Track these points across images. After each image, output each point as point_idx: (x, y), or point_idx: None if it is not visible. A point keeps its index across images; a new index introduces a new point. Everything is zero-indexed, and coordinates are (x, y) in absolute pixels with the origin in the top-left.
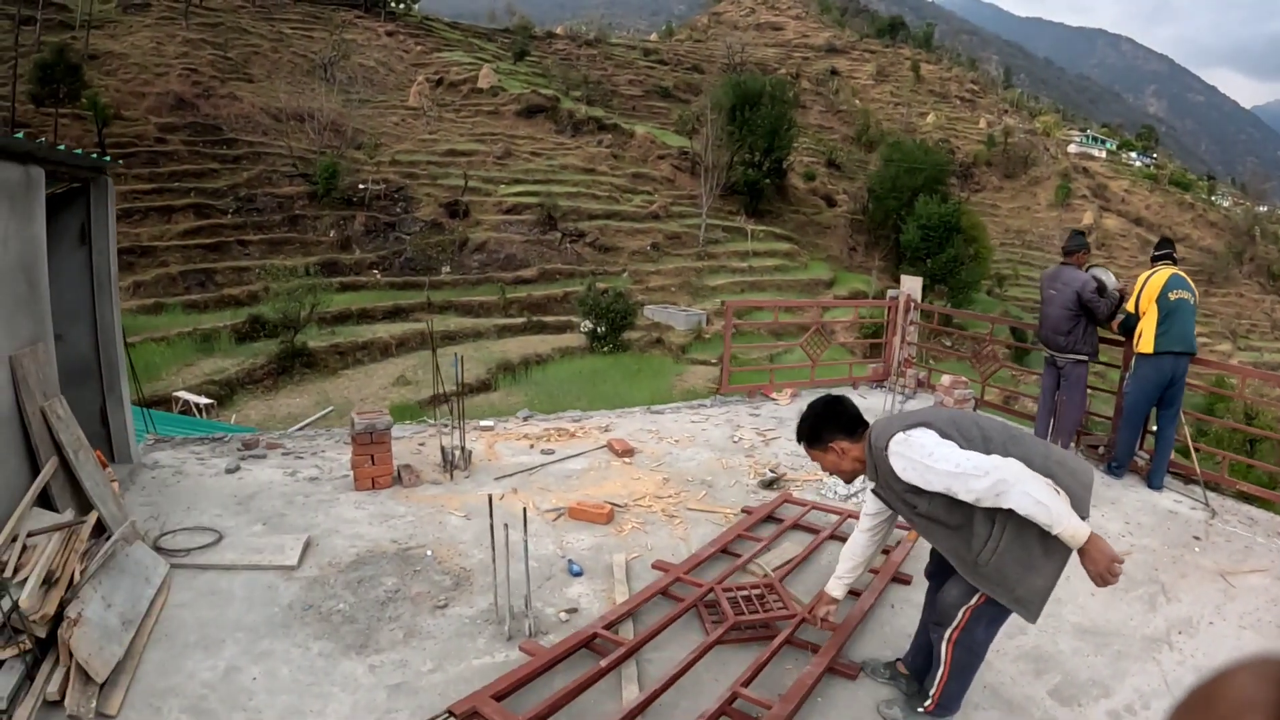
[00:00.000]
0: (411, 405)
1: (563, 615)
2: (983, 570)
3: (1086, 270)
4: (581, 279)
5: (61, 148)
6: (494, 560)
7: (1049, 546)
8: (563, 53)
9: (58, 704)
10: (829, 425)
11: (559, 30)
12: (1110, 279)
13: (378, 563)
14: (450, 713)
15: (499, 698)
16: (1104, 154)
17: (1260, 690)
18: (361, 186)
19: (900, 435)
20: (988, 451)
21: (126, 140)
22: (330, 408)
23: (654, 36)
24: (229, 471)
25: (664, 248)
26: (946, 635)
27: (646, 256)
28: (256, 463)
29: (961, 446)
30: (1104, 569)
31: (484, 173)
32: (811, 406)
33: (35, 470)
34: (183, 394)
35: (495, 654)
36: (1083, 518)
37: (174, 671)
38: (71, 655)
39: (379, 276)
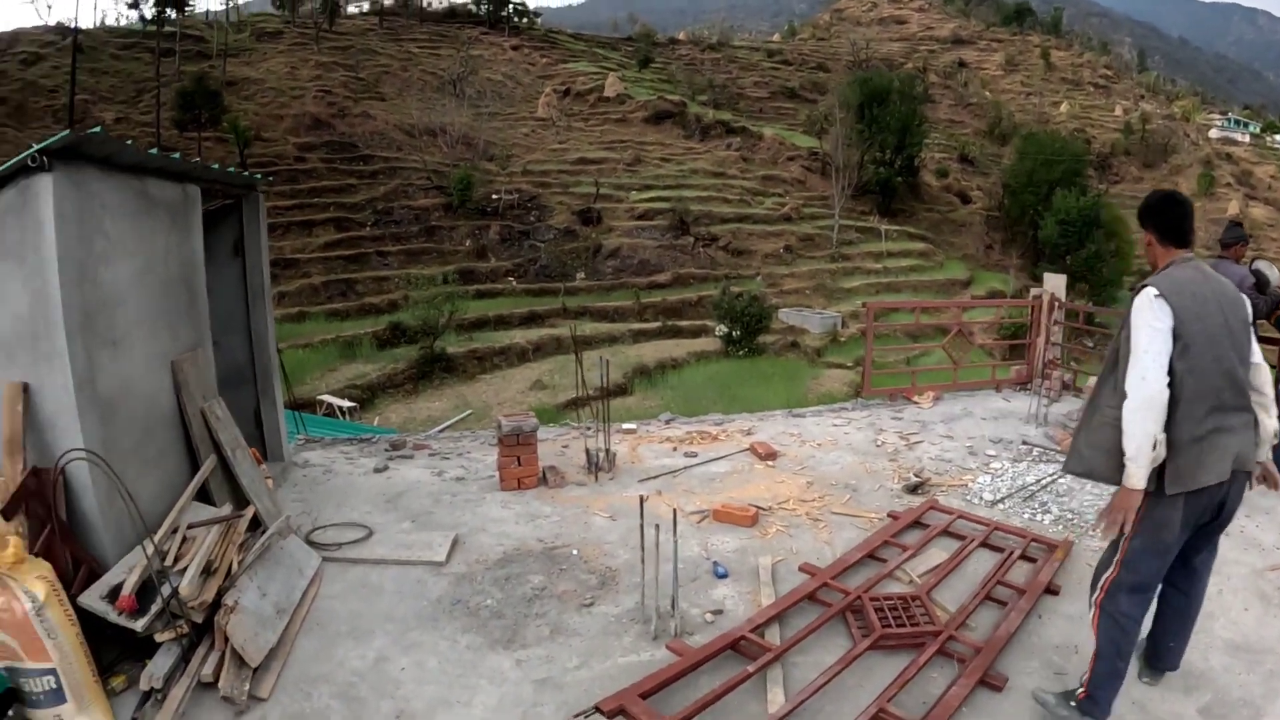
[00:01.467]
0: (549, 409)
1: (708, 616)
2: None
3: (1245, 264)
4: (715, 283)
5: (216, 167)
6: (643, 560)
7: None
8: (686, 58)
9: (211, 686)
10: (1153, 217)
11: (681, 36)
12: (1274, 273)
13: (524, 561)
14: (598, 709)
15: (645, 696)
16: (1247, 138)
17: None
18: (495, 196)
19: (1151, 292)
20: (1173, 369)
21: (267, 160)
22: (469, 411)
23: (776, 37)
24: (377, 471)
25: (797, 250)
26: (1091, 601)
27: (780, 259)
28: (404, 463)
29: (1162, 347)
30: (1109, 517)
31: (615, 179)
32: (1156, 193)
33: (194, 467)
34: (326, 397)
35: (640, 653)
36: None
37: (325, 659)
38: (227, 640)
39: (515, 284)
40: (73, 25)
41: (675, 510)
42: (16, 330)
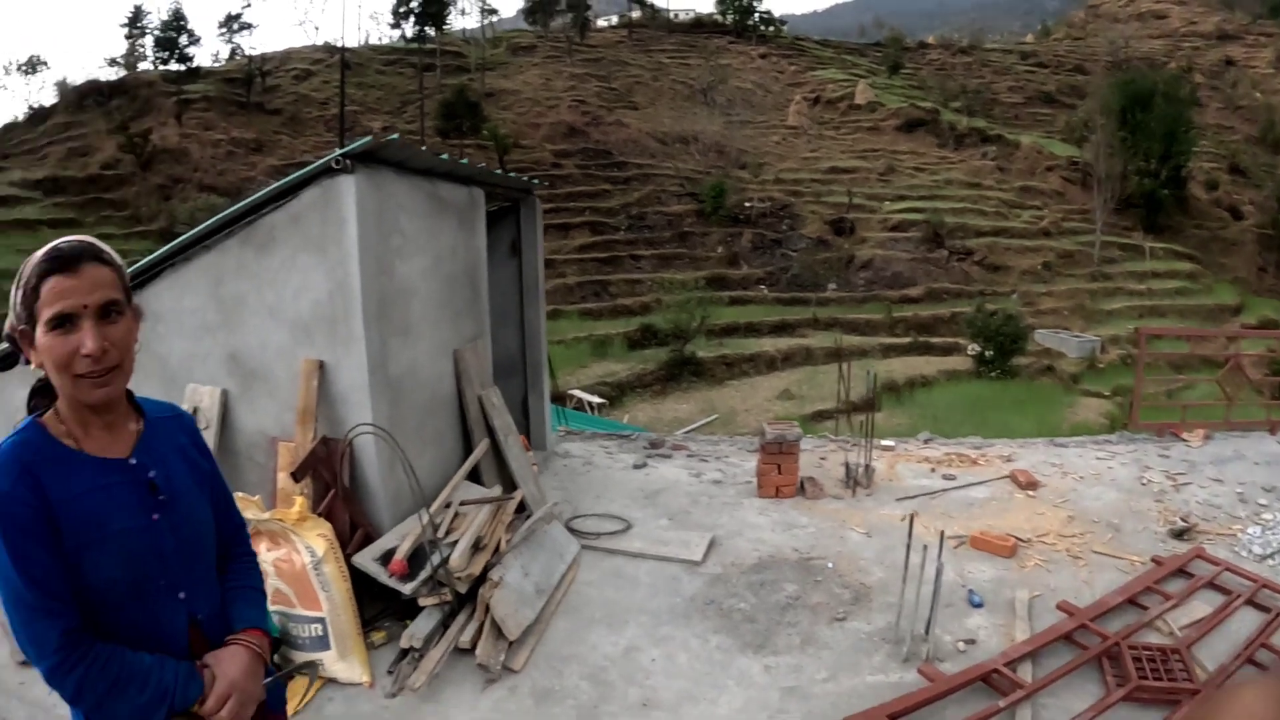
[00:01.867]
0: (796, 420)
1: (960, 645)
2: None
3: None
4: (969, 299)
5: (498, 172)
6: (905, 580)
7: None
8: (937, 63)
9: (467, 652)
10: None
11: (930, 40)
12: None
13: (779, 568)
14: None
15: (893, 717)
16: None
17: (1263, 707)
18: (747, 205)
19: None
20: None
21: (525, 166)
22: (715, 415)
23: (1030, 38)
24: (636, 467)
25: (1056, 267)
26: None
27: (1037, 276)
28: (662, 461)
29: None
30: None
31: (867, 189)
32: None
33: (468, 449)
34: (577, 392)
35: (889, 673)
36: None
37: (577, 641)
38: (488, 612)
39: (766, 292)
40: (340, 44)
41: (941, 534)
42: (316, 314)
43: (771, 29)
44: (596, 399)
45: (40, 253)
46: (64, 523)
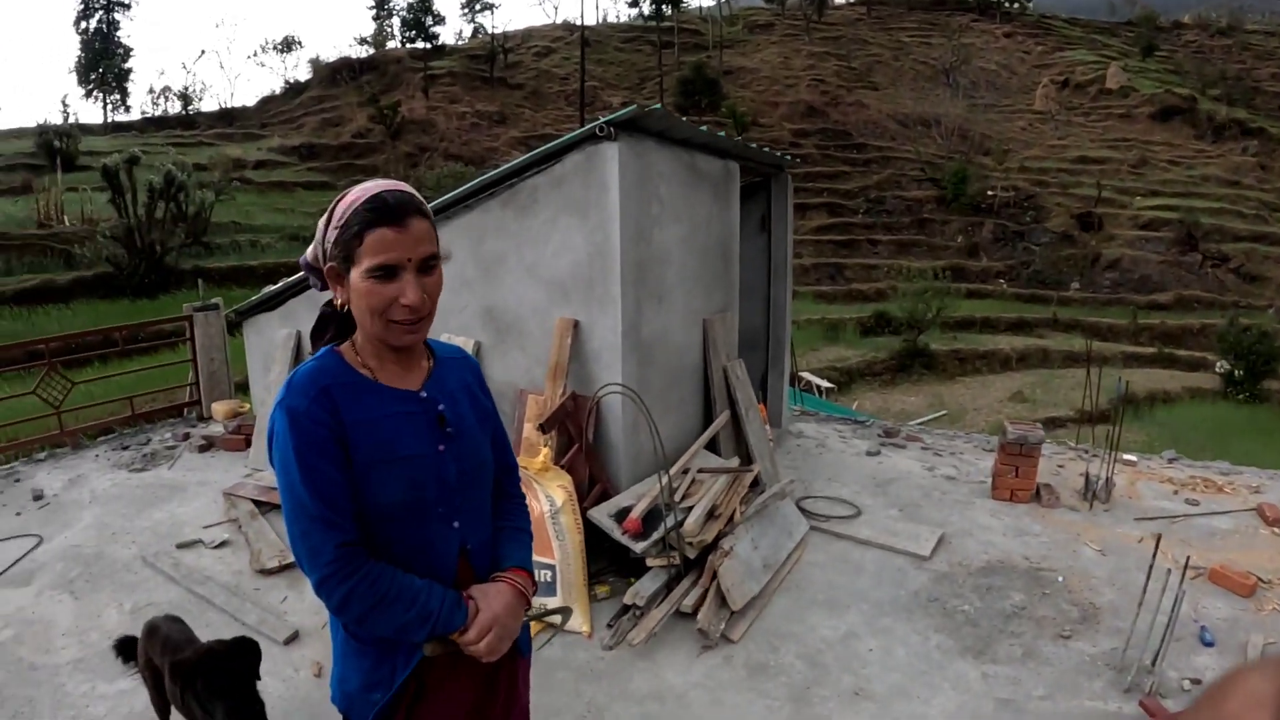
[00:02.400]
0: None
1: (1185, 684)
2: None
3: None
4: (1222, 310)
5: (754, 146)
6: (1140, 605)
7: None
8: (1193, 45)
9: (686, 617)
10: None
11: (1186, 19)
12: None
13: (1007, 575)
14: None
15: None
16: None
17: (1267, 688)
18: (990, 193)
19: None
20: None
21: (764, 145)
22: (944, 412)
23: None
24: (869, 454)
25: None
26: None
27: None
28: (896, 451)
29: None
30: None
31: (1118, 182)
32: None
33: (708, 418)
34: (807, 374)
35: (1109, 701)
36: None
37: (796, 620)
38: (714, 580)
39: (1005, 286)
40: (579, 23)
41: (1186, 562)
42: (574, 274)
43: (1016, 6)
44: (826, 383)
45: (363, 198)
46: (355, 444)
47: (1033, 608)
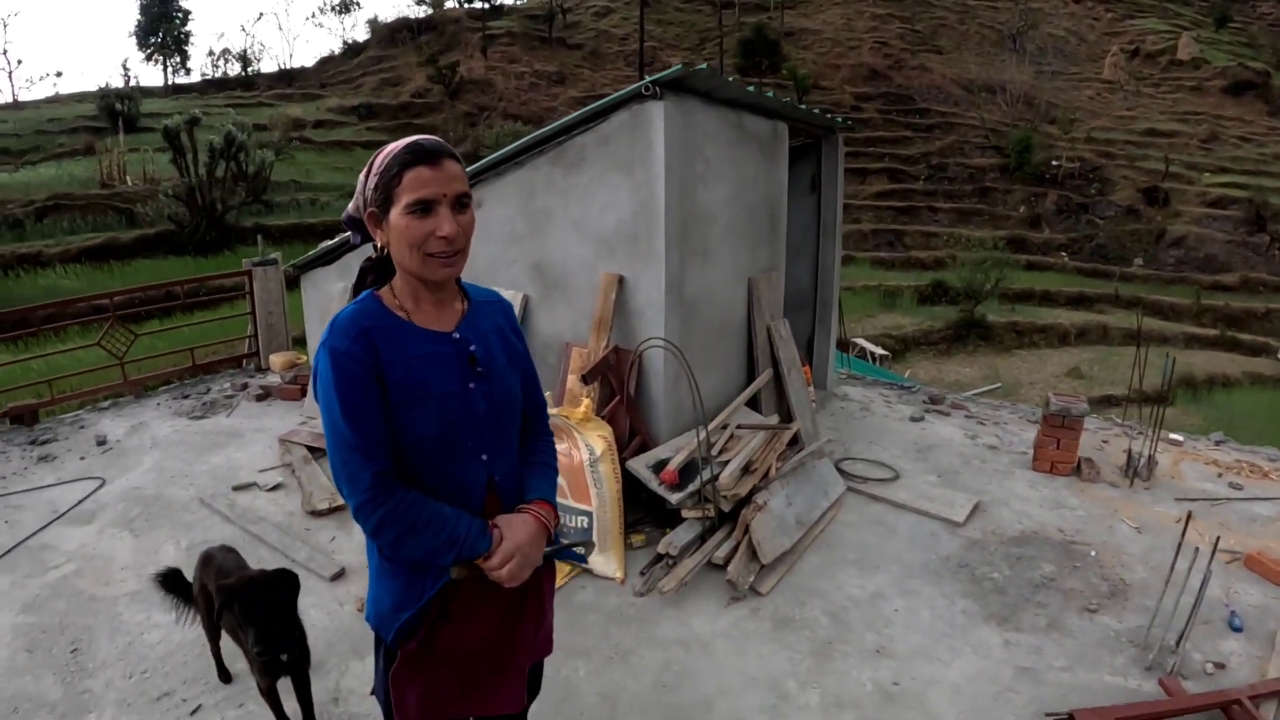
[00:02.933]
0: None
1: (1209, 667)
2: None
3: None
4: None
5: (803, 107)
6: (1166, 584)
7: None
8: (1269, 17)
9: (718, 568)
10: None
11: None
12: None
13: (1040, 546)
14: (1071, 716)
15: None
16: None
17: None
18: (1055, 163)
19: None
20: None
21: (825, 108)
22: (998, 384)
23: None
24: (913, 420)
25: None
26: None
27: None
28: (940, 419)
29: None
30: None
31: (1186, 157)
32: None
33: (751, 376)
34: (861, 341)
35: (1129, 677)
36: None
37: (825, 578)
38: (747, 533)
39: (1066, 259)
40: None
41: (1215, 543)
42: (619, 231)
43: None
44: (880, 350)
45: (400, 146)
46: (391, 381)
47: (1062, 580)
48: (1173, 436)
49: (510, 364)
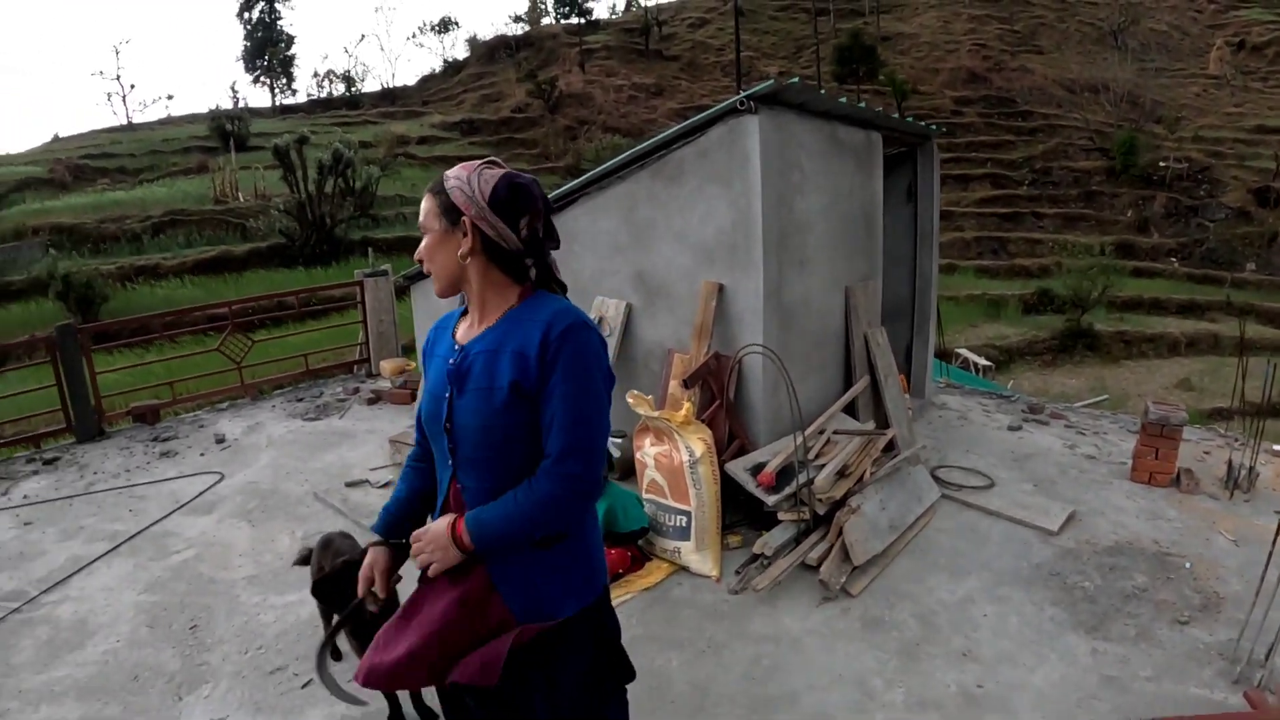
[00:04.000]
0: (1192, 414)
1: None
2: None
3: None
4: None
5: (895, 117)
6: (1256, 595)
7: None
8: None
9: (811, 569)
10: None
11: None
12: None
13: (1133, 556)
14: None
15: None
16: None
17: None
18: (1162, 164)
19: None
20: None
21: (924, 113)
22: (1105, 396)
23: None
24: (1011, 429)
25: None
26: None
27: None
28: (1038, 428)
29: None
30: None
31: None
32: None
33: (847, 383)
34: (964, 351)
35: (1215, 690)
36: None
37: (915, 582)
38: (840, 535)
39: (1176, 265)
40: None
41: None
42: (719, 240)
43: None
44: (983, 361)
45: None
46: (424, 368)
47: (1154, 591)
48: (1275, 448)
49: (504, 387)
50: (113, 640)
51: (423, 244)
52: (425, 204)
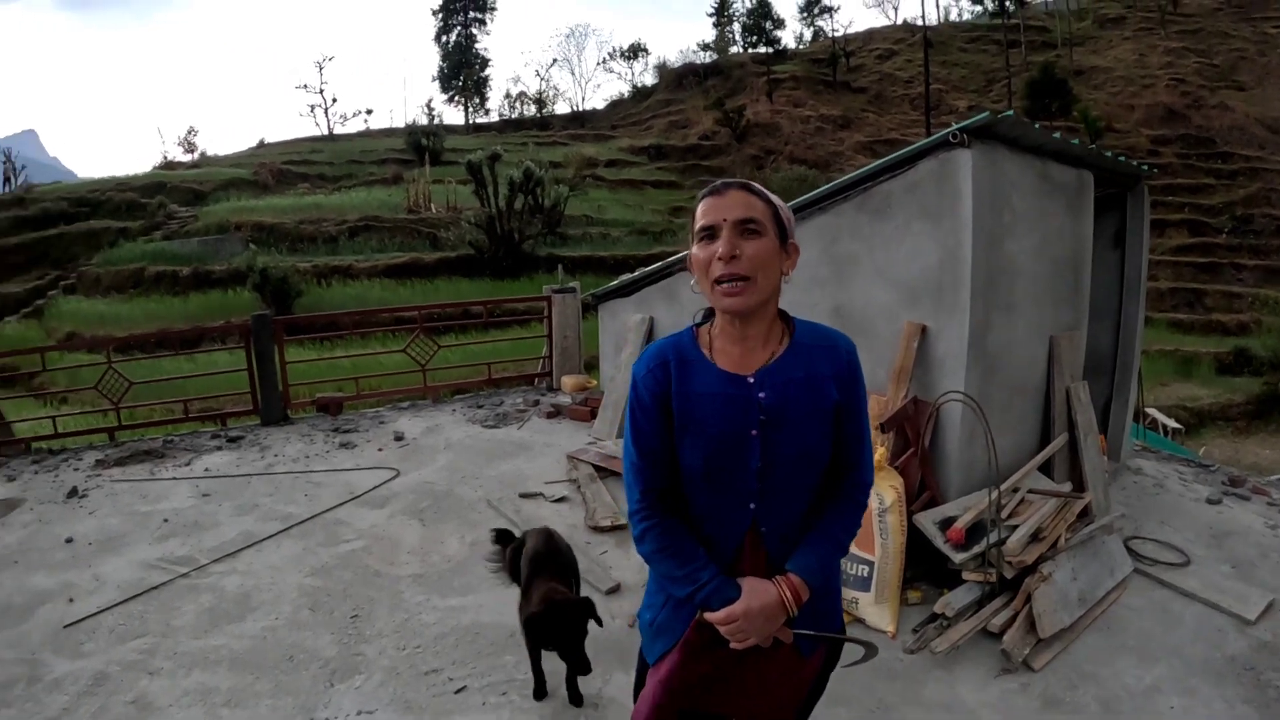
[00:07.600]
0: None
1: None
2: None
3: None
4: None
5: (1108, 154)
6: None
7: None
8: None
9: (993, 636)
10: None
11: None
12: None
13: None
14: None
15: None
16: None
17: None
18: None
19: None
20: None
21: (1118, 152)
22: None
23: None
24: (1210, 502)
25: None
26: None
27: None
28: (1239, 503)
29: None
30: None
31: None
32: None
33: (1044, 439)
34: (1152, 411)
35: None
36: None
37: (1102, 663)
38: (1028, 603)
39: None
40: (920, 23)
41: None
42: (924, 279)
43: None
44: (1173, 423)
45: None
46: (677, 411)
47: None
48: None
49: (813, 415)
50: (272, 617)
51: (752, 245)
52: (752, 201)
